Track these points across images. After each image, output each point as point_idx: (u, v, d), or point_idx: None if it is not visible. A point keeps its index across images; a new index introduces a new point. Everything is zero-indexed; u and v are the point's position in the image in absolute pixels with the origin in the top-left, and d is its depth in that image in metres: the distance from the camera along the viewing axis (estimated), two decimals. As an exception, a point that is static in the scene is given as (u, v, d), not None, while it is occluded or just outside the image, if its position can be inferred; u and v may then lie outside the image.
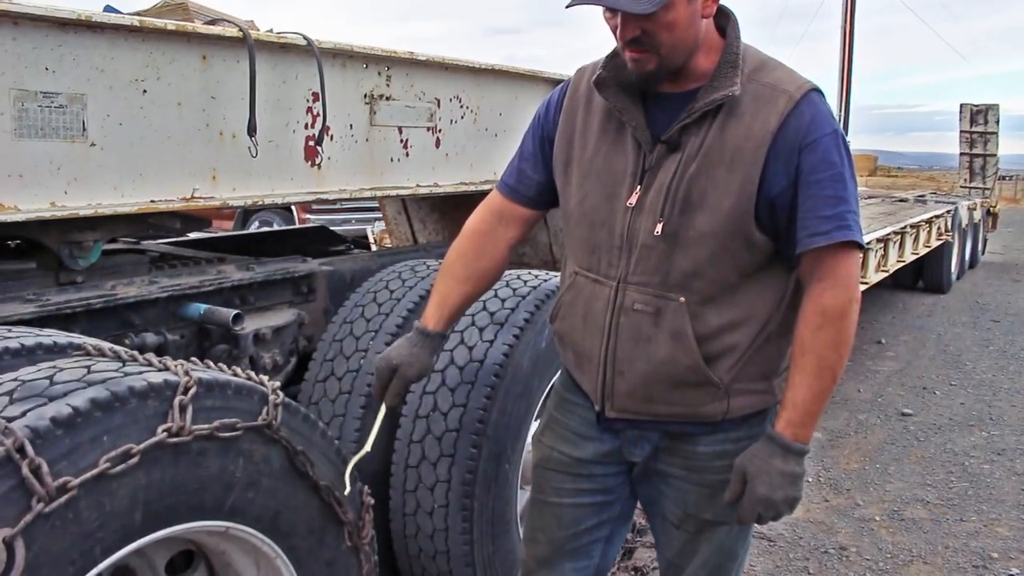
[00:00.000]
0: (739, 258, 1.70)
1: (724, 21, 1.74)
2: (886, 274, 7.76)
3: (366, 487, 1.97)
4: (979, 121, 15.03)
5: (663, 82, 1.71)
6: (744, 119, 1.66)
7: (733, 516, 1.80)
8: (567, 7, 1.66)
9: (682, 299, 1.71)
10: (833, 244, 1.65)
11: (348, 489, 1.85)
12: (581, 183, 1.82)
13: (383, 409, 1.98)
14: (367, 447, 1.94)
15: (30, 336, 1.83)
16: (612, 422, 1.88)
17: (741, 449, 1.80)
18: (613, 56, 1.77)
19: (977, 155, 15.14)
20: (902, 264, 8.35)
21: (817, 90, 1.71)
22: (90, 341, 1.82)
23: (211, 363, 1.76)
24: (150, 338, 2.45)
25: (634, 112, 1.74)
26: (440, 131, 3.34)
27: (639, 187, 1.72)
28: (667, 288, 1.72)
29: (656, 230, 1.69)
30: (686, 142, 1.69)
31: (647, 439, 1.89)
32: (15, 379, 1.51)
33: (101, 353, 1.68)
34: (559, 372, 2.09)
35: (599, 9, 1.66)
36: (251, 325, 2.63)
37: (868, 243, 6.83)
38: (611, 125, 1.79)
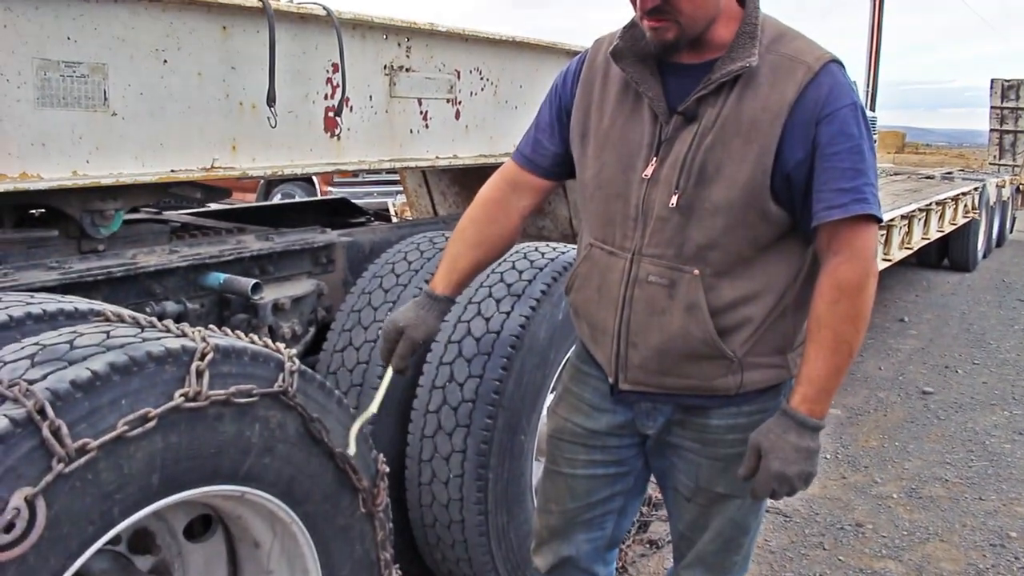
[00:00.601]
0: (754, 230, 1.69)
1: None
2: (910, 251, 7.70)
3: (382, 455, 1.99)
4: (1010, 97, 14.80)
5: (682, 52, 1.70)
6: (762, 90, 1.64)
7: (746, 490, 1.80)
8: None
9: (696, 271, 1.71)
10: (850, 217, 1.63)
11: (353, 449, 1.84)
12: (598, 154, 1.81)
13: (389, 371, 1.99)
14: (372, 408, 1.95)
15: (52, 302, 1.86)
16: (626, 394, 1.88)
17: (755, 423, 1.80)
18: (631, 27, 1.76)
19: (1008, 131, 14.92)
20: (927, 241, 8.27)
21: (837, 61, 1.69)
22: (110, 308, 1.84)
23: (229, 331, 1.78)
24: (170, 307, 2.48)
25: (651, 83, 1.73)
26: (460, 103, 3.34)
27: (655, 159, 1.72)
28: (682, 260, 1.71)
29: (671, 202, 1.69)
30: (703, 113, 1.68)
31: (660, 412, 1.89)
32: (36, 343, 1.53)
33: (120, 319, 1.70)
34: (574, 344, 2.09)
35: None
36: (270, 295, 2.65)
37: (892, 220, 6.76)
38: (628, 96, 1.78)
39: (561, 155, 1.95)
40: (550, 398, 2.56)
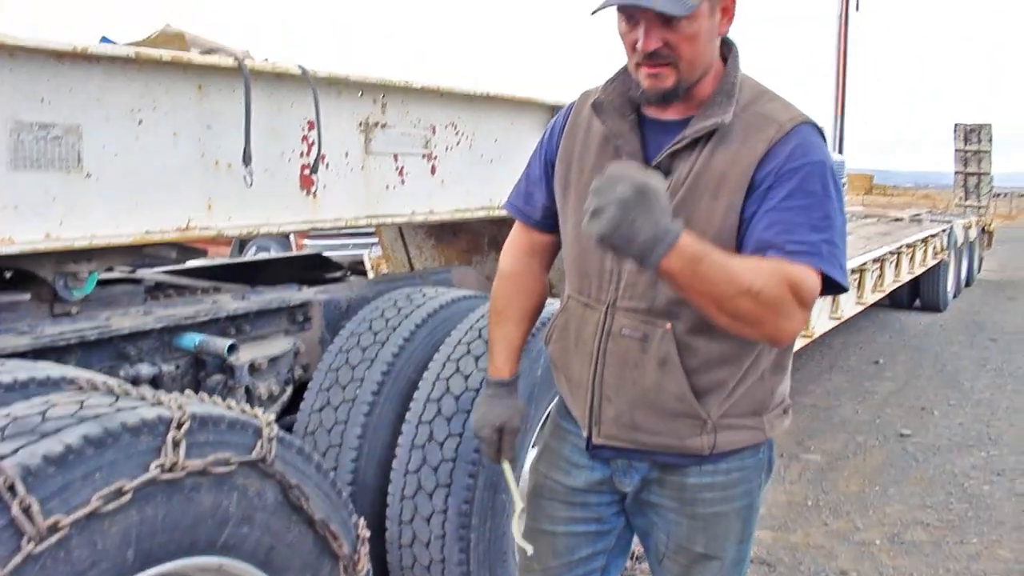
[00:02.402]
0: None
1: (726, 51, 1.74)
2: (883, 294, 7.78)
3: (362, 520, 1.96)
4: (972, 140, 15.15)
5: (679, 100, 1.69)
6: (733, 147, 1.64)
7: (727, 551, 1.78)
8: (593, 12, 1.63)
9: (668, 326, 1.70)
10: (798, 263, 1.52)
11: (529, 549, 1.93)
12: (577, 206, 1.81)
13: (506, 465, 2.01)
14: (521, 504, 2.01)
15: (23, 370, 1.83)
16: (600, 449, 1.86)
17: (733, 482, 1.79)
18: (614, 79, 1.77)
19: (972, 173, 15.23)
20: (898, 284, 8.37)
21: (811, 123, 1.69)
22: (83, 374, 1.81)
23: (205, 396, 1.75)
24: (145, 369, 2.44)
25: (630, 137, 1.74)
26: (436, 158, 3.35)
27: None
28: (654, 314, 1.71)
29: None
30: (676, 168, 1.68)
31: (636, 469, 1.87)
32: (7, 415, 1.50)
33: (94, 387, 1.67)
34: (555, 399, 2.08)
35: (612, 28, 1.67)
36: (246, 355, 2.62)
37: (864, 264, 6.84)
38: (608, 149, 1.79)
39: (549, 207, 1.95)
40: (531, 454, 2.54)
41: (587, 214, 1.45)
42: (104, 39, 2.89)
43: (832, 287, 1.61)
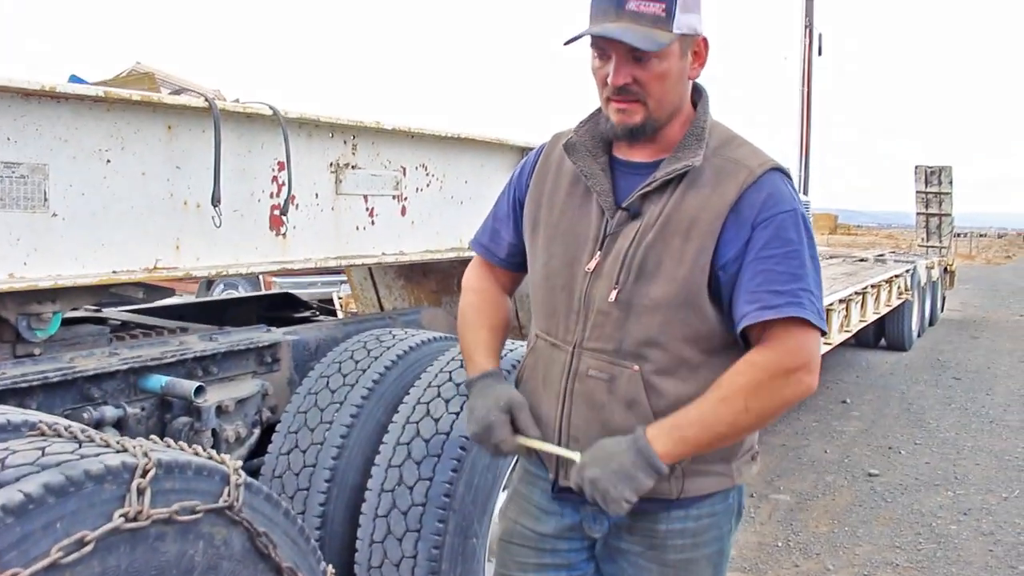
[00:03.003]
0: (694, 329, 1.68)
1: (697, 97, 1.77)
2: (849, 334, 7.86)
3: (330, 566, 1.93)
4: (933, 182, 15.45)
5: (647, 139, 1.72)
6: (704, 191, 1.66)
7: None
8: (566, 42, 1.66)
9: (636, 368, 1.69)
10: (782, 319, 1.60)
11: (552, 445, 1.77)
12: (546, 246, 1.82)
13: (533, 442, 1.79)
14: (575, 455, 1.74)
15: (-17, 414, 1.78)
16: (566, 492, 1.84)
17: (703, 528, 1.78)
18: (587, 121, 1.80)
19: (933, 215, 15.52)
20: (865, 324, 8.46)
21: (781, 169, 1.71)
22: (46, 419, 1.77)
23: (171, 441, 1.72)
24: (109, 412, 2.39)
25: (600, 178, 1.75)
26: (406, 199, 3.35)
27: (599, 252, 1.73)
28: (621, 356, 1.70)
29: (611, 296, 1.69)
30: (647, 210, 1.70)
31: (605, 515, 1.85)
32: (-35, 463, 1.46)
33: (56, 433, 1.63)
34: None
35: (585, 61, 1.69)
36: (213, 397, 2.59)
37: (831, 304, 6.91)
38: (578, 190, 1.80)
39: (516, 245, 1.96)
40: (502, 499, 2.51)
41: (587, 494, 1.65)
42: (73, 77, 2.88)
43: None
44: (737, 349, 1.72)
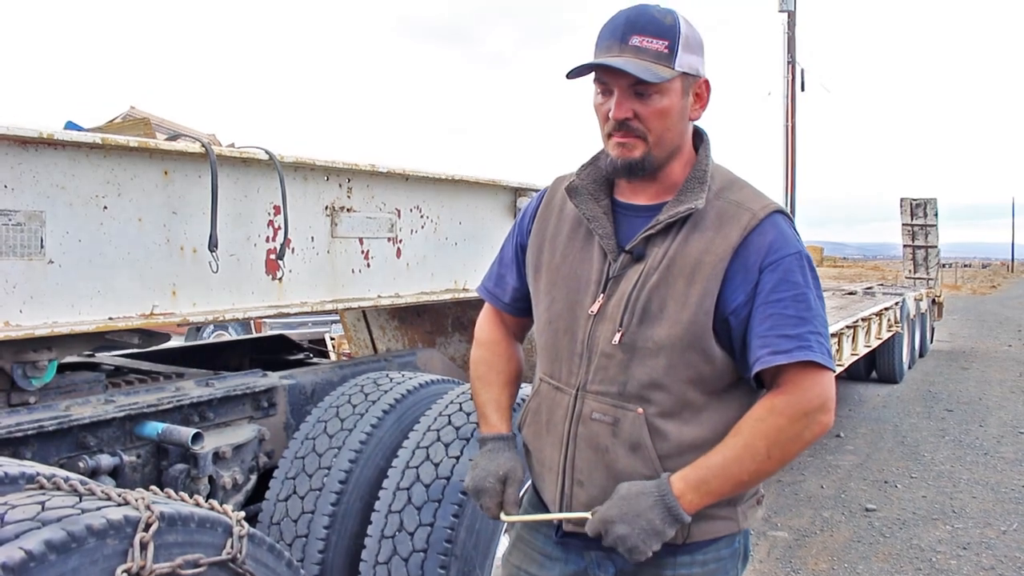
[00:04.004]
0: (698, 371, 1.68)
1: (698, 140, 1.79)
2: (842, 367, 7.86)
3: (332, 617, 1.90)
4: (919, 214, 15.56)
5: (646, 178, 1.73)
6: (707, 234, 1.67)
7: None
8: (569, 75, 1.67)
9: (640, 410, 1.68)
10: (794, 363, 1.62)
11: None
12: (549, 289, 1.83)
13: (512, 517, 1.84)
14: (585, 515, 1.75)
15: (-21, 467, 1.75)
16: (571, 538, 1.82)
17: (709, 573, 1.76)
18: (589, 164, 1.81)
19: (919, 247, 15.62)
20: (857, 358, 8.48)
21: (783, 212, 1.72)
22: (44, 471, 1.74)
23: (171, 492, 1.70)
24: (105, 460, 2.37)
25: (603, 221, 1.76)
26: (401, 241, 3.36)
27: (602, 295, 1.73)
28: (625, 398, 1.70)
29: (615, 339, 1.69)
30: (650, 253, 1.70)
31: (611, 561, 1.82)
32: (-36, 519, 1.43)
33: (56, 486, 1.61)
34: (528, 486, 2.04)
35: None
36: (210, 443, 2.56)
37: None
38: (580, 233, 1.81)
39: (520, 290, 1.97)
40: (504, 543, 2.48)
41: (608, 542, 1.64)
42: (69, 123, 2.88)
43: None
44: (739, 391, 1.73)
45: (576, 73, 1.67)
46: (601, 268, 1.75)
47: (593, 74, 1.67)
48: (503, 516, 1.82)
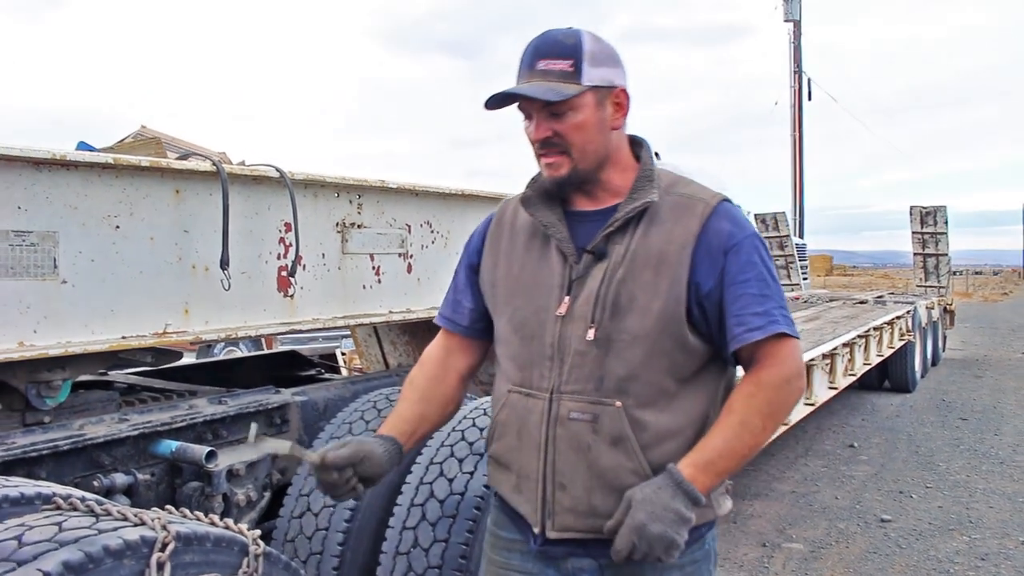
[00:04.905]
0: (673, 360, 1.73)
1: (639, 149, 1.88)
2: (853, 377, 7.83)
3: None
4: (929, 222, 15.50)
5: (575, 190, 1.81)
6: (666, 226, 1.75)
7: None
8: (487, 106, 1.77)
9: (618, 404, 1.72)
10: (768, 337, 1.71)
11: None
12: (509, 299, 1.87)
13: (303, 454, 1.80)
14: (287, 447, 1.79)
15: (-5, 488, 1.76)
16: (554, 546, 1.81)
17: (687, 575, 1.79)
18: (536, 179, 1.88)
19: (930, 255, 15.55)
20: (869, 367, 8.44)
21: (729, 200, 1.82)
22: (60, 491, 1.75)
23: (187, 511, 1.70)
24: (119, 479, 2.37)
25: (559, 226, 1.82)
26: (411, 256, 3.36)
27: (567, 297, 1.77)
28: (603, 394, 1.73)
29: (588, 335, 1.73)
30: (611, 250, 1.76)
31: (598, 566, 1.81)
32: (-19, 540, 1.43)
33: (72, 506, 1.62)
34: (492, 510, 2.00)
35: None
36: (224, 461, 2.56)
37: (835, 348, 6.91)
38: (536, 242, 1.86)
39: (478, 311, 2.00)
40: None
41: (640, 550, 1.64)
42: (82, 144, 2.90)
43: None
44: (707, 376, 1.80)
45: (491, 105, 1.77)
46: (562, 271, 1.80)
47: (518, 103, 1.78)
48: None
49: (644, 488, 1.67)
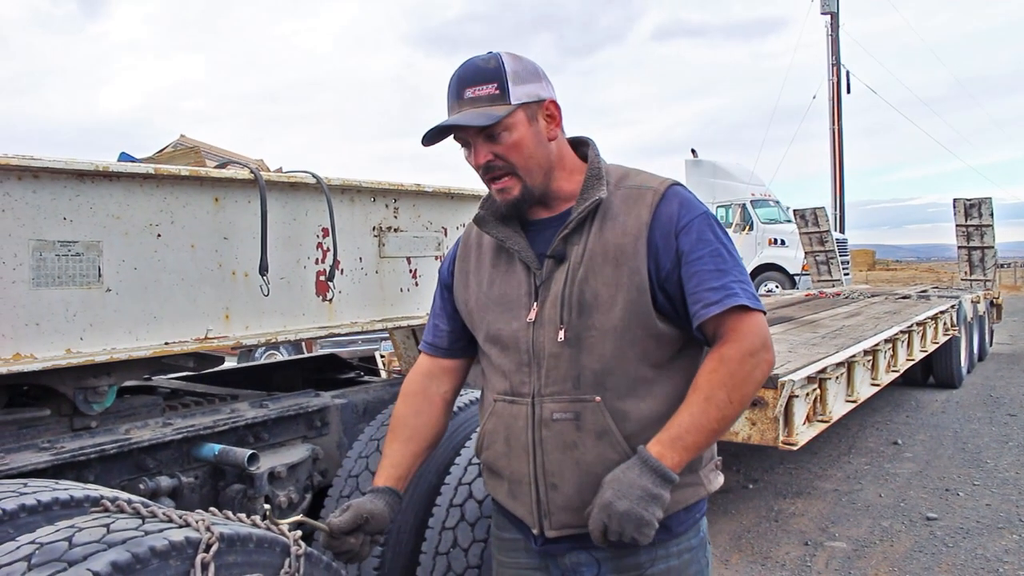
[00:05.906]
0: (646, 348, 1.77)
1: (585, 149, 1.91)
2: (896, 373, 7.71)
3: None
4: (973, 215, 15.21)
5: (532, 205, 1.86)
6: (619, 219, 1.79)
7: None
8: (424, 142, 1.81)
9: (598, 398, 1.76)
10: (727, 310, 1.71)
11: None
12: (483, 315, 1.92)
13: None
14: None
15: (46, 490, 1.81)
16: (555, 544, 1.85)
17: (685, 564, 1.82)
18: (488, 198, 1.93)
19: (975, 248, 15.27)
20: (912, 363, 8.30)
21: (679, 184, 1.85)
22: (107, 493, 1.79)
23: (230, 513, 1.74)
24: (164, 482, 2.42)
25: (517, 238, 1.87)
26: (448, 258, 3.38)
27: (536, 304, 1.82)
28: (581, 391, 1.77)
29: (559, 337, 1.78)
30: (570, 252, 1.81)
31: (595, 560, 1.84)
32: (33, 542, 1.48)
33: (119, 509, 1.66)
34: (493, 514, 2.05)
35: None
36: (266, 463, 2.60)
37: (877, 344, 6.81)
38: (500, 258, 1.92)
39: (456, 331, 2.07)
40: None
41: (612, 531, 1.65)
42: (123, 155, 2.96)
43: None
44: (684, 361, 1.82)
45: (428, 141, 1.81)
46: (528, 280, 1.86)
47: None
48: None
49: (614, 471, 1.70)
